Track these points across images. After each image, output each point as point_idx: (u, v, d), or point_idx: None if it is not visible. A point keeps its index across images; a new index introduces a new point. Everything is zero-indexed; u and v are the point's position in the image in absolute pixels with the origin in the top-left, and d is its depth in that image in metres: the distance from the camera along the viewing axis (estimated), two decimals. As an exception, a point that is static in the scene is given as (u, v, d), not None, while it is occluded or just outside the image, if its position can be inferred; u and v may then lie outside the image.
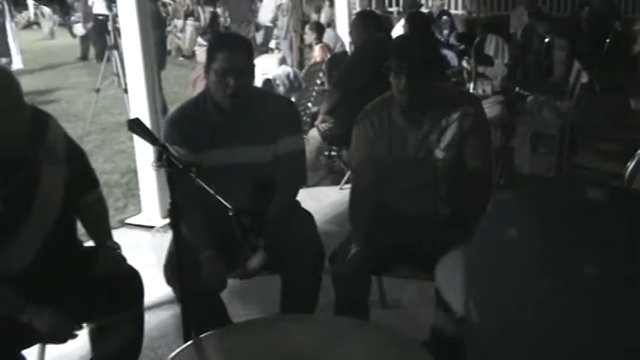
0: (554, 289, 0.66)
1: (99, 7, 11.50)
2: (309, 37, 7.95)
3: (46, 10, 20.05)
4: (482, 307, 0.73)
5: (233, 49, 2.66)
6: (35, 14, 21.21)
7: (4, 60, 10.20)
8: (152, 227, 4.65)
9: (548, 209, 0.72)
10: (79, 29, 13.49)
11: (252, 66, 2.75)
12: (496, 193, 0.80)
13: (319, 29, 8.04)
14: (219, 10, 15.27)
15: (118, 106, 8.11)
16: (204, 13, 14.18)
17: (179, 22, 14.50)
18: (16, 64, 10.74)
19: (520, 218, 0.73)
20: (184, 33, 14.26)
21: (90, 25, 12.85)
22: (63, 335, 2.23)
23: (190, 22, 14.37)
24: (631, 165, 3.05)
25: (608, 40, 8.55)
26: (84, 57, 13.81)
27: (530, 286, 0.68)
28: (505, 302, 0.70)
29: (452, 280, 0.79)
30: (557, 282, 0.66)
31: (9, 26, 10.87)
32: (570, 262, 0.66)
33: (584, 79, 5.54)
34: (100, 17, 10.05)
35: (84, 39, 13.69)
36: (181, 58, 13.49)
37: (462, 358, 0.86)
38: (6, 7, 10.86)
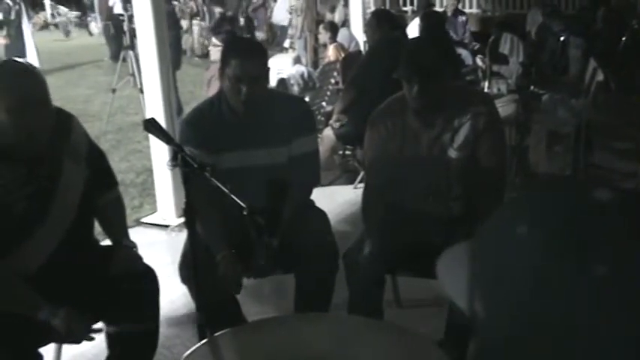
0: (564, 288, 0.66)
1: (119, 7, 11.59)
2: (324, 36, 7.95)
3: (63, 10, 20.19)
4: (488, 304, 0.73)
5: (246, 55, 2.65)
6: (52, 15, 21.38)
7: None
8: (167, 226, 4.68)
9: (558, 208, 0.72)
10: (94, 28, 13.57)
11: (266, 71, 2.76)
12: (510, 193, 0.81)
13: (333, 29, 8.04)
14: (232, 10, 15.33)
15: (134, 106, 8.17)
16: (210, 13, 14.21)
17: (184, 23, 14.57)
18: (33, 64, 10.82)
19: (530, 216, 0.73)
20: (191, 34, 14.33)
21: (101, 24, 12.94)
22: (79, 335, 2.25)
23: (196, 22, 14.44)
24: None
25: (624, 39, 8.47)
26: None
27: (539, 284, 0.68)
28: (512, 299, 0.70)
29: (455, 275, 0.78)
30: (566, 280, 0.66)
31: (25, 27, 10.94)
32: (580, 261, 0.66)
33: (600, 77, 5.50)
34: (121, 17, 10.11)
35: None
36: (196, 58, 13.50)
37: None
38: (22, 7, 10.94)
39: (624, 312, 0.65)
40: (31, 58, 10.81)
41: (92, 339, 2.29)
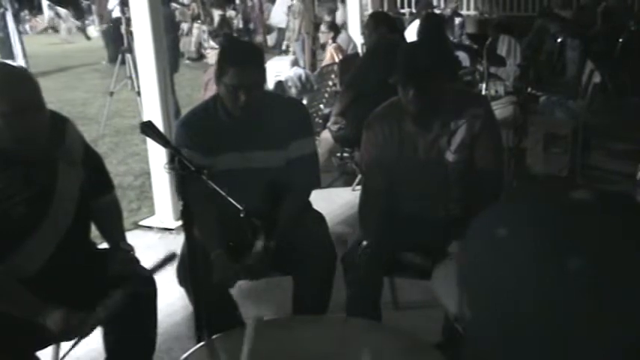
0: (543, 286, 0.68)
1: (119, 10, 11.60)
2: (326, 36, 7.93)
3: (62, 12, 20.18)
4: (474, 306, 0.75)
5: (244, 64, 2.61)
6: (52, 18, 21.38)
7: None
8: (165, 229, 4.68)
9: (536, 209, 0.75)
10: (93, 31, 13.56)
11: (264, 75, 2.74)
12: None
13: (335, 29, 8.02)
14: (232, 13, 15.34)
15: (132, 109, 8.17)
16: (210, 16, 14.22)
17: (185, 26, 14.58)
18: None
19: (509, 218, 0.75)
20: (190, 36, 14.34)
21: (103, 27, 12.98)
22: (75, 332, 2.24)
23: (197, 25, 14.44)
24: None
25: (621, 40, 8.50)
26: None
27: (519, 283, 0.70)
28: (496, 299, 0.72)
29: (446, 281, 0.81)
30: (546, 278, 0.68)
31: (12, 29, 10.80)
32: (557, 259, 0.68)
33: (597, 79, 5.52)
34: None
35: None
36: (187, 61, 13.40)
37: None
38: (9, 9, 10.79)
39: (605, 310, 0.66)
40: (19, 60, 10.67)
41: (91, 331, 2.28)
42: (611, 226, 0.70)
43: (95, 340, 2.44)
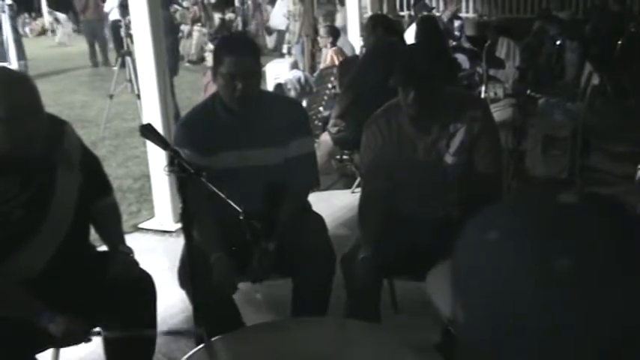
0: (534, 288, 0.69)
1: (115, 13, 11.64)
2: (325, 40, 7.94)
3: (61, 16, 20.22)
4: (467, 308, 0.75)
5: (239, 52, 2.66)
6: (51, 22, 21.42)
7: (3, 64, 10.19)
8: (165, 232, 4.68)
9: (526, 212, 0.76)
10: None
11: (260, 67, 2.77)
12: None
13: (334, 33, 8.04)
14: (232, 15, 15.35)
15: (131, 112, 8.18)
16: (212, 20, 14.25)
17: (186, 28, 14.60)
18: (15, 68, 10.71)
19: (500, 221, 0.76)
20: (191, 39, 14.36)
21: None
22: (76, 339, 2.25)
23: (197, 27, 14.46)
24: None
25: (620, 42, 8.51)
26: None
27: (511, 286, 0.71)
28: (488, 302, 0.73)
29: (440, 284, 0.82)
30: (536, 281, 0.69)
31: (8, 31, 10.75)
32: (547, 261, 0.69)
33: (596, 80, 5.53)
34: (119, 23, 10.12)
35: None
36: (187, 64, 13.42)
37: None
38: (7, 11, 10.74)
39: (595, 310, 0.67)
40: (14, 62, 10.59)
41: (89, 340, 2.29)
42: (599, 228, 0.71)
43: (96, 340, 2.44)
